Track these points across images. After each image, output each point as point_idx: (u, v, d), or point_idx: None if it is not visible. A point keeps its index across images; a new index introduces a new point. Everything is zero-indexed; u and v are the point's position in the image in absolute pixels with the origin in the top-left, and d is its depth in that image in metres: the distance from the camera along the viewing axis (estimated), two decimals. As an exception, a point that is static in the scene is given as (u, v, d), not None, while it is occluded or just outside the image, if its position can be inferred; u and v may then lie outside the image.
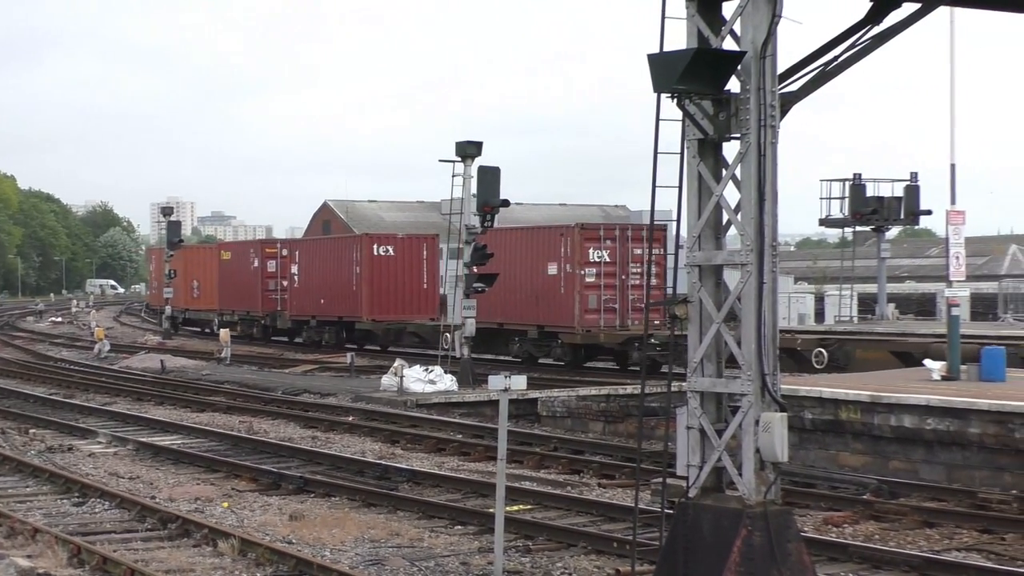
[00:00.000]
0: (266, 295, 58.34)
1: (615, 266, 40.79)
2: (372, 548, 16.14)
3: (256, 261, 59.38)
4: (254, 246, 62.14)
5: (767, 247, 11.44)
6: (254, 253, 60.35)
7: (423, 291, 50.55)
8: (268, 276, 58.40)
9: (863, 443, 22.35)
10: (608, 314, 40.52)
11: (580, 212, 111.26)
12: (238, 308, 61.73)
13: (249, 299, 60.05)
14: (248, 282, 60.08)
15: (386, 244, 50.97)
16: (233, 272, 62.31)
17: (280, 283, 57.43)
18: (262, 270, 58.70)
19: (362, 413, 30.42)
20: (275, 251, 59.17)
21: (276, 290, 57.70)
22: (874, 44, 12.00)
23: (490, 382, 14.20)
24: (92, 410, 32.03)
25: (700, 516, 11.65)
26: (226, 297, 63.21)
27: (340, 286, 51.40)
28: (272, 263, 58.35)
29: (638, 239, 40.99)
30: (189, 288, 67.91)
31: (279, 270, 57.65)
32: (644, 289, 38.07)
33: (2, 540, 16.37)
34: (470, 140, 36.00)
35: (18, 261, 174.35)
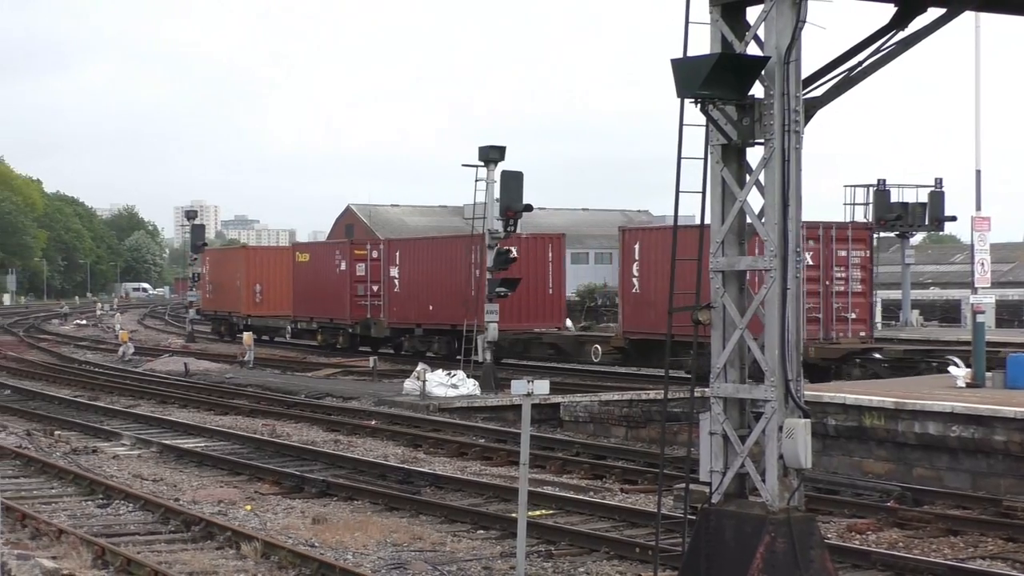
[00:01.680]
0: (355, 301, 52.64)
1: (818, 270, 36.17)
2: (394, 552, 16.16)
3: (343, 263, 53.47)
4: (340, 247, 55.79)
5: (791, 253, 11.42)
6: (340, 255, 54.18)
7: (548, 296, 46.17)
8: (357, 280, 52.75)
9: (887, 450, 22.26)
10: (811, 325, 35.72)
11: (603, 217, 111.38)
12: (319, 315, 55.74)
13: (334, 305, 53.93)
14: (333, 287, 53.98)
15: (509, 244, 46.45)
16: (313, 276, 56.24)
17: (370, 288, 52.13)
18: (350, 273, 52.89)
19: (385, 417, 30.46)
20: (364, 253, 53.36)
21: (366, 295, 52.21)
22: (899, 49, 11.97)
23: (513, 387, 14.19)
24: (116, 412, 32.15)
25: (723, 522, 11.62)
26: (303, 303, 57.20)
27: (454, 291, 45.77)
28: (361, 266, 52.88)
29: (844, 239, 36.86)
30: (251, 293, 62.72)
31: (369, 273, 52.45)
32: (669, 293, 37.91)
33: (28, 541, 16.45)
34: (493, 145, 36.03)
35: (43, 264, 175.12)
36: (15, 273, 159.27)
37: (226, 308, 65.58)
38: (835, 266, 36.61)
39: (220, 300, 66.61)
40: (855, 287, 36.87)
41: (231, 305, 64.50)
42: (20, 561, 14.58)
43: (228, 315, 65.31)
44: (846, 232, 37.18)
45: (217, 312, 67.39)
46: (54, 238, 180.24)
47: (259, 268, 63.02)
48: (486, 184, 35.86)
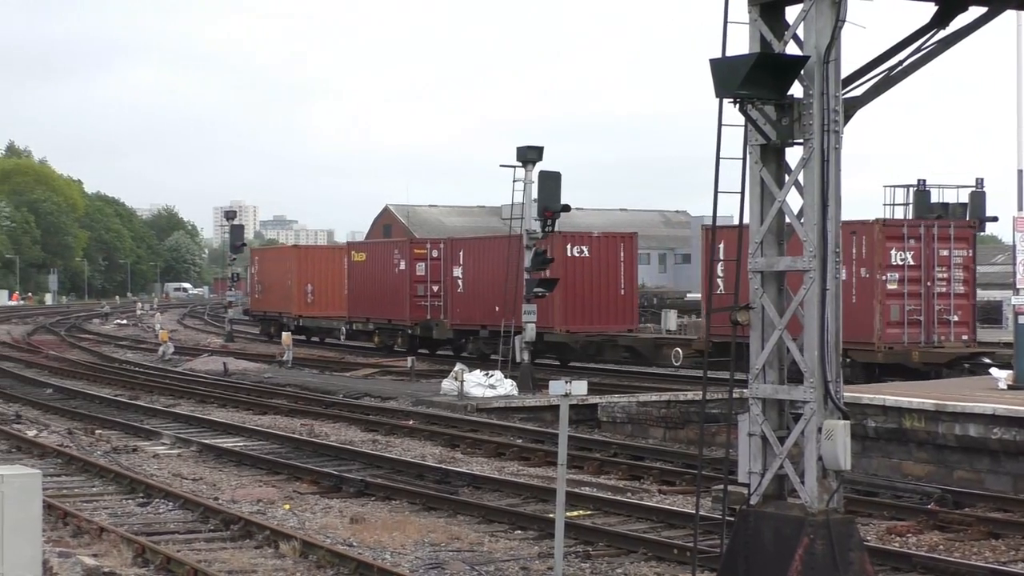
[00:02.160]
0: (414, 301, 50.78)
1: (919, 270, 34.84)
2: (432, 552, 16.19)
3: (403, 263, 51.57)
4: (399, 246, 53.75)
5: (830, 253, 11.38)
6: (400, 254, 52.28)
7: (620, 297, 44.41)
8: (417, 280, 50.89)
9: (927, 452, 22.13)
10: (912, 328, 34.51)
11: (641, 217, 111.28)
12: (376, 316, 53.76)
13: (392, 306, 52.03)
14: (392, 287, 52.15)
15: (580, 244, 44.41)
16: (370, 275, 54.36)
17: (430, 288, 50.50)
18: (410, 273, 50.98)
19: (422, 417, 30.50)
20: (424, 252, 51.51)
21: (426, 296, 50.54)
22: (940, 48, 11.91)
23: (551, 387, 14.19)
24: (156, 411, 32.33)
25: (761, 524, 11.59)
26: (359, 303, 55.14)
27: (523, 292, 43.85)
28: (421, 265, 51.03)
29: (945, 238, 35.22)
30: (302, 293, 61.17)
31: (429, 273, 50.72)
32: (706, 294, 37.74)
33: (69, 539, 16.58)
34: (531, 145, 36.06)
35: (84, 264, 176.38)
36: (56, 273, 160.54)
37: (276, 308, 64.09)
38: (936, 266, 35.16)
39: (270, 300, 65.27)
40: (957, 288, 35.41)
41: (281, 305, 63.03)
42: (61, 559, 14.70)
43: (278, 316, 63.65)
44: (948, 231, 35.74)
45: (266, 313, 65.91)
46: (95, 238, 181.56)
47: (311, 267, 61.56)
48: (524, 184, 35.88)
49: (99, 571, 14.49)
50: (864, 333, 34.12)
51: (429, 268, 50.81)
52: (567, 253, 43.29)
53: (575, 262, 43.74)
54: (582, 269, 43.81)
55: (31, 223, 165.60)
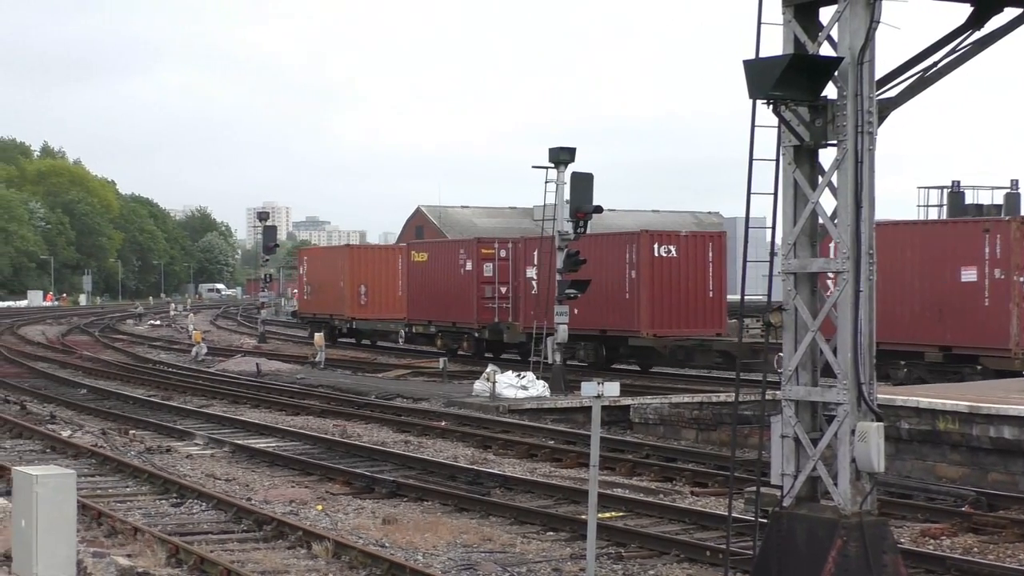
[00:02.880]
0: (482, 303, 48.42)
1: None
2: (464, 553, 16.20)
3: (470, 263, 49.20)
4: (465, 245, 51.05)
5: (864, 255, 11.34)
6: (466, 254, 49.82)
7: (709, 300, 42.09)
8: (484, 281, 48.54)
9: (961, 454, 22.00)
10: None
11: (673, 219, 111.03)
12: (439, 319, 51.37)
13: (458, 308, 49.61)
14: (458, 288, 49.71)
15: (668, 243, 41.98)
16: (432, 276, 51.92)
17: (498, 289, 48.15)
18: (477, 274, 48.59)
19: (454, 418, 30.53)
20: (492, 252, 48.98)
21: (494, 297, 48.11)
22: (975, 49, 11.85)
23: (583, 388, 14.18)
24: (189, 412, 32.47)
25: (794, 526, 11.56)
26: (420, 305, 52.74)
27: (605, 293, 41.86)
28: (489, 265, 48.61)
29: None
30: (355, 294, 58.64)
31: (497, 274, 48.33)
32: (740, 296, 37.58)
33: (103, 539, 16.66)
34: (563, 146, 36.04)
35: (118, 265, 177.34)
36: (91, 274, 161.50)
37: (327, 311, 61.57)
38: None
39: (320, 302, 62.86)
40: None
41: (333, 307, 60.64)
42: (96, 559, 14.78)
43: (329, 318, 61.04)
44: None
45: (316, 315, 63.17)
46: (129, 239, 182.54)
47: (364, 268, 59.23)
48: (556, 186, 35.87)
49: (133, 571, 14.56)
50: (999, 339, 32.25)
51: (497, 269, 48.65)
52: (654, 253, 41.60)
53: (662, 262, 41.73)
54: (669, 270, 41.68)
55: (66, 224, 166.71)
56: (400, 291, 56.67)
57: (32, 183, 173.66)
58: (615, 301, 41.90)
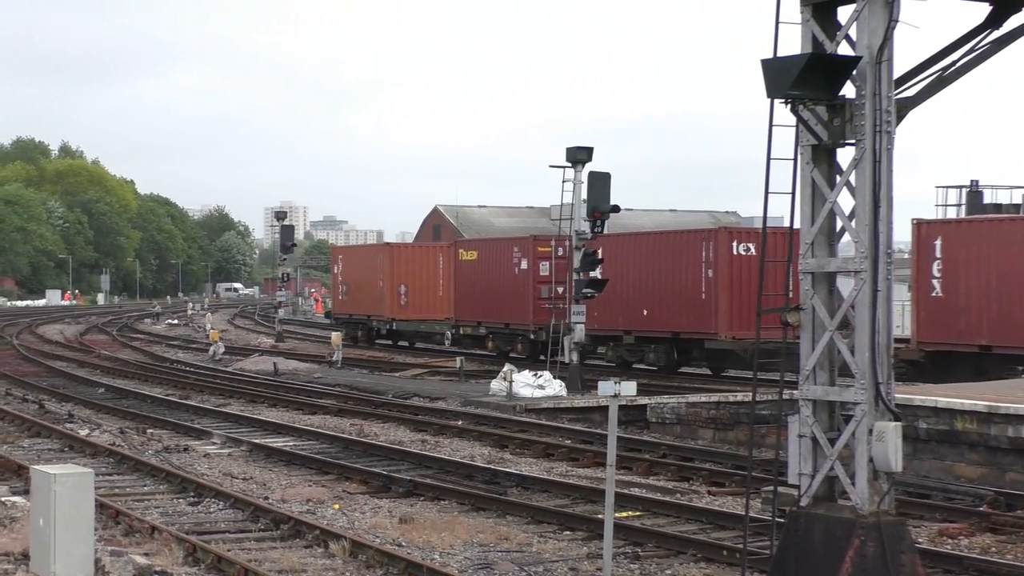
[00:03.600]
0: (538, 304, 46.18)
1: None
2: (481, 552, 16.20)
3: (524, 262, 47.00)
4: (520, 243, 48.33)
5: (882, 254, 11.31)
6: (520, 252, 47.46)
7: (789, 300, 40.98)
8: (541, 280, 46.37)
9: (979, 454, 21.94)
10: None
11: (690, 218, 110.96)
12: (490, 320, 49.12)
13: (511, 309, 47.33)
14: (510, 288, 47.40)
15: (746, 240, 39.72)
16: (483, 275, 49.43)
17: (554, 289, 45.48)
18: (533, 273, 46.50)
19: (471, 417, 30.54)
20: (549, 250, 46.58)
21: (550, 297, 45.41)
22: (994, 48, 11.81)
23: (600, 388, 14.17)
24: (207, 411, 32.53)
25: (812, 525, 11.54)
26: (468, 306, 50.21)
27: (678, 293, 40.30)
28: (545, 264, 46.48)
29: None
30: (395, 294, 56.32)
31: (553, 273, 45.92)
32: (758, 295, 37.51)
33: (121, 538, 16.70)
34: (581, 146, 36.02)
35: (136, 264, 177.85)
36: (109, 273, 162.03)
37: (364, 311, 59.12)
38: None
39: (357, 303, 60.11)
40: None
41: (370, 308, 58.17)
42: (113, 557, 14.82)
43: (367, 319, 58.99)
44: None
45: (352, 316, 60.72)
46: (147, 238, 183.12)
47: (404, 267, 56.89)
48: (573, 185, 35.86)
49: (150, 570, 14.59)
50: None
51: (554, 267, 46.16)
52: (732, 251, 39.49)
53: (741, 260, 39.52)
54: (749, 268, 38.99)
55: (84, 223, 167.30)
56: (441, 291, 55.16)
57: (51, 183, 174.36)
58: (689, 302, 39.96)
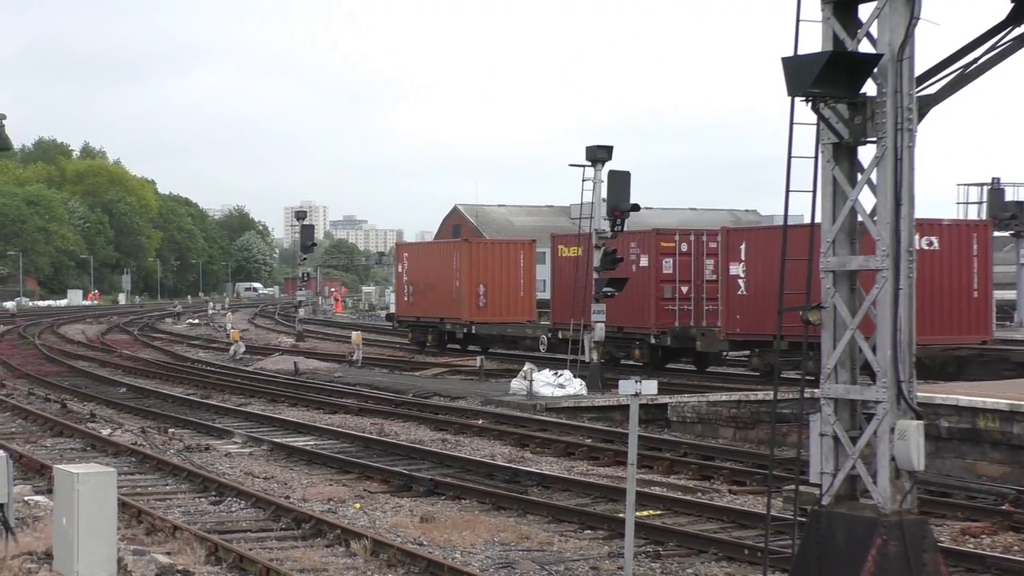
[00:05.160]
0: (661, 305, 42.20)
1: None
2: (502, 551, 16.21)
3: (645, 259, 42.75)
4: (639, 238, 43.40)
5: (903, 252, 11.27)
6: (639, 248, 43.01)
7: (972, 300, 36.29)
8: (664, 279, 42.26)
9: (1001, 453, 21.87)
10: None
11: (711, 216, 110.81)
12: None
13: (628, 310, 42.45)
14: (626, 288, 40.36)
15: (928, 234, 35.61)
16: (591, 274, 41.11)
17: (679, 289, 42.17)
18: (655, 271, 42.34)
19: (492, 416, 30.54)
20: (672, 245, 42.64)
21: (673, 298, 42.11)
22: (1016, 46, 11.75)
23: (620, 387, 14.15)
24: (228, 410, 32.61)
25: (833, 524, 11.50)
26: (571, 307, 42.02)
27: None
28: (668, 261, 42.40)
29: None
30: (474, 295, 51.84)
31: (677, 271, 42.36)
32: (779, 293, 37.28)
33: (143, 537, 16.75)
34: (600, 144, 35.98)
35: (157, 264, 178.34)
36: (129, 273, 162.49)
37: (435, 313, 54.29)
38: None
39: (426, 304, 55.03)
40: None
41: (444, 310, 53.48)
42: (136, 556, 14.85)
43: (439, 322, 54.26)
44: None
45: (420, 319, 55.87)
46: (168, 238, 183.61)
47: (483, 265, 52.38)
48: (593, 184, 35.83)
49: (173, 569, 14.64)
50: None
51: (678, 265, 42.60)
52: None
53: (921, 256, 34.58)
54: (930, 265, 35.27)
55: (105, 223, 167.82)
56: (522, 291, 52.28)
57: (72, 183, 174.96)
58: None
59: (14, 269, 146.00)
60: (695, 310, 42.33)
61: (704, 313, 41.91)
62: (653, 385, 14.22)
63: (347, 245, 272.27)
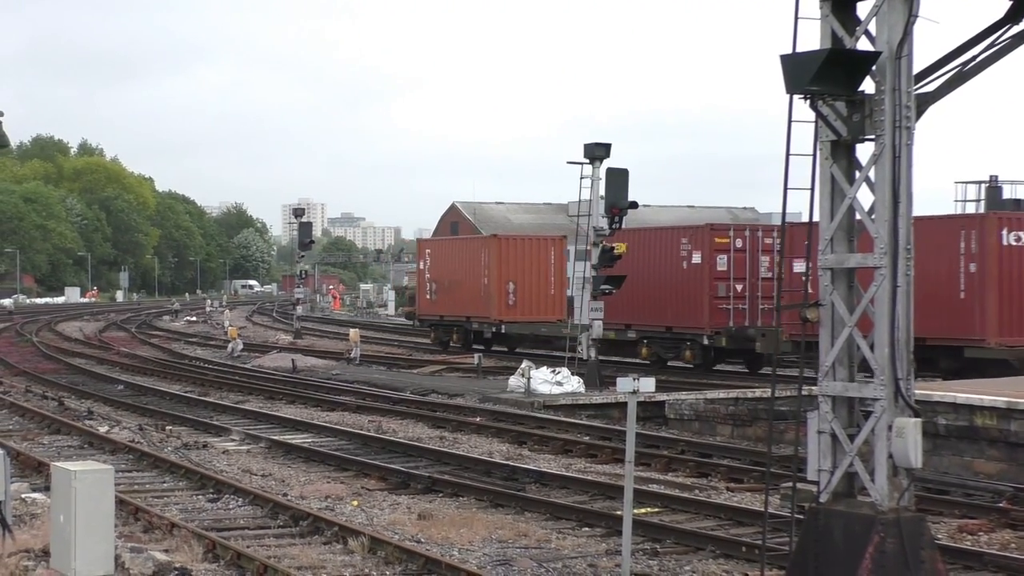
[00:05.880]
0: (714, 304, 40.36)
1: None
2: (500, 548, 16.21)
3: (698, 255, 40.75)
4: (691, 233, 41.88)
5: (901, 250, 11.27)
6: (691, 243, 41.16)
7: None
8: (717, 277, 40.43)
9: (999, 450, 21.89)
10: None
11: (709, 214, 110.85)
12: (645, 322, 42.92)
13: (677, 309, 41.21)
14: (677, 285, 41.30)
15: (1017, 229, 33.92)
16: (634, 271, 41.09)
17: (733, 287, 40.36)
18: (708, 268, 40.42)
19: (489, 414, 30.54)
20: (727, 241, 40.81)
21: (728, 297, 40.40)
22: (1014, 43, 11.74)
23: (618, 384, 14.16)
24: (226, 408, 32.60)
25: (831, 522, 11.51)
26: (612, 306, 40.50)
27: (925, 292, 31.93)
28: (723, 258, 40.48)
29: None
30: (503, 293, 49.71)
31: (732, 268, 40.54)
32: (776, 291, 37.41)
33: (141, 534, 16.74)
34: (598, 142, 35.98)
35: (155, 261, 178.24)
36: (127, 270, 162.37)
37: (461, 312, 52.14)
38: None
39: (451, 303, 52.79)
40: None
41: (471, 308, 51.26)
42: (133, 554, 14.85)
43: (465, 321, 52.12)
44: None
45: (444, 318, 53.65)
46: (165, 236, 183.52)
47: (512, 261, 50.11)
48: (591, 181, 35.84)
49: (170, 566, 14.63)
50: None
51: (732, 262, 40.69)
52: (1002, 241, 33.70)
53: (1012, 252, 33.80)
54: (1019, 262, 33.67)
55: (102, 221, 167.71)
56: (552, 288, 50.23)
57: (69, 180, 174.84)
58: (942, 301, 33.32)
59: (11, 266, 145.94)
60: (750, 309, 40.66)
61: (759, 312, 40.22)
62: (651, 383, 14.23)
63: (345, 242, 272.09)
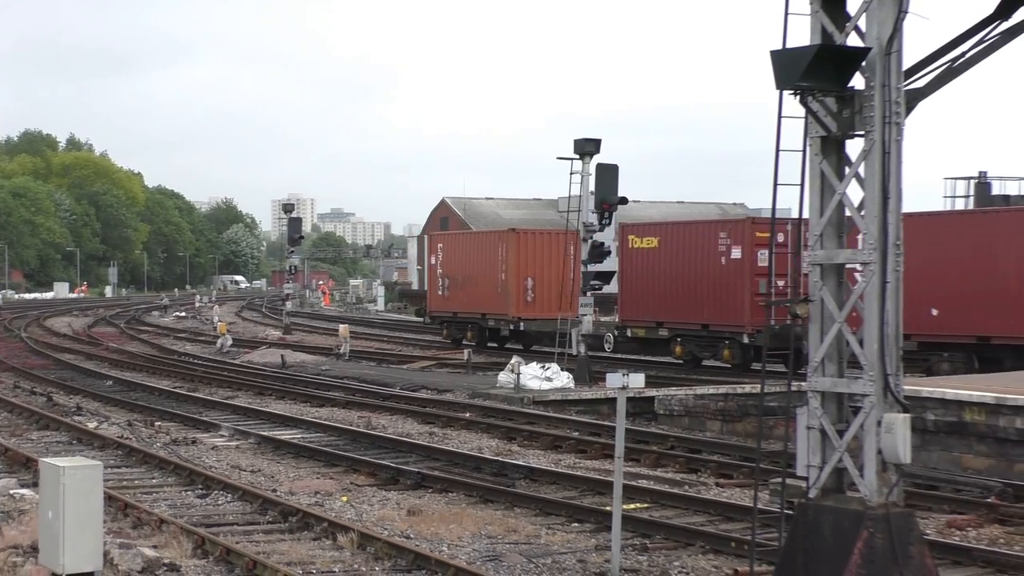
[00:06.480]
0: (756, 300, 38.02)
1: None
2: (489, 544, 16.21)
3: (737, 250, 38.55)
4: (729, 227, 39.87)
5: (891, 246, 11.28)
6: (730, 238, 38.93)
7: None
8: (759, 273, 38.10)
9: (987, 445, 21.93)
10: None
11: (698, 210, 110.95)
12: (678, 320, 40.70)
13: (714, 307, 39.20)
14: (714, 281, 39.12)
15: None
16: (666, 266, 40.80)
17: (775, 283, 36.76)
18: (748, 263, 38.20)
19: (479, 410, 30.54)
20: (768, 235, 37.99)
21: (770, 293, 37.02)
22: (1004, 39, 11.75)
23: (608, 380, 14.17)
24: (215, 404, 32.55)
25: (820, 517, 11.52)
26: (642, 303, 41.46)
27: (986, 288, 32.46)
28: (764, 253, 38.14)
29: None
30: (521, 289, 48.19)
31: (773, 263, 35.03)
32: (769, 286, 37.45)
33: (129, 530, 16.72)
34: (588, 138, 35.97)
35: (144, 257, 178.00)
36: (116, 265, 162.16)
37: (476, 309, 50.49)
38: None
39: (466, 299, 51.16)
40: None
41: (487, 305, 49.64)
42: (122, 550, 14.83)
43: (481, 318, 50.47)
44: None
45: (458, 315, 52.05)
46: (155, 231, 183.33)
47: (531, 256, 48.58)
48: (581, 177, 35.83)
49: (159, 562, 14.62)
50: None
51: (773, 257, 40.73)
52: None
53: None
54: None
55: (91, 216, 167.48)
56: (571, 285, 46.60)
57: (58, 175, 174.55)
58: (1006, 298, 31.82)
59: None
60: None
61: None
62: (640, 378, 14.24)
63: (335, 238, 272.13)
